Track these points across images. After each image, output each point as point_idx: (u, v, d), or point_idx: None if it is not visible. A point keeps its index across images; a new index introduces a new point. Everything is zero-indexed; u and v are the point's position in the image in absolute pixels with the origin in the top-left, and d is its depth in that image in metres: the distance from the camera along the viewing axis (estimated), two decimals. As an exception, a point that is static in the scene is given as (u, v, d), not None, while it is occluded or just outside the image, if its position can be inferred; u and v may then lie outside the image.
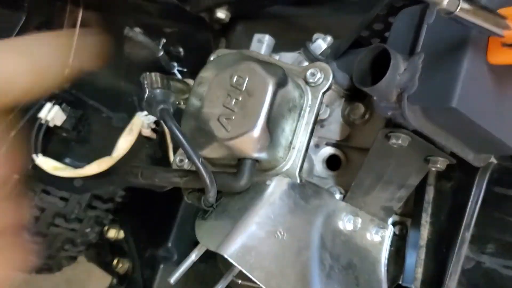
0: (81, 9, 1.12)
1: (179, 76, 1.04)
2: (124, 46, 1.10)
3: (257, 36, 0.83)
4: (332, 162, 0.83)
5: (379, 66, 0.59)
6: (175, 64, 1.05)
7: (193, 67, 1.04)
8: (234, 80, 0.69)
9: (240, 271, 0.77)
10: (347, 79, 0.77)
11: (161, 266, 1.14)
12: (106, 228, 1.28)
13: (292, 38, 0.90)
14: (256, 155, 0.68)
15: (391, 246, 0.78)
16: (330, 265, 0.70)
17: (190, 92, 0.75)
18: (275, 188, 0.70)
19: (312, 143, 0.84)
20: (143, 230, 1.23)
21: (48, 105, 1.02)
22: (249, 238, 0.65)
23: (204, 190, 0.68)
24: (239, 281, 0.78)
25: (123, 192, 1.18)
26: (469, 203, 0.71)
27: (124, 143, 0.94)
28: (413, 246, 0.76)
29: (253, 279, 0.64)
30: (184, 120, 0.75)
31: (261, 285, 0.64)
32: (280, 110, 0.69)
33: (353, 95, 0.80)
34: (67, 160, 1.05)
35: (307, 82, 0.74)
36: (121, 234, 1.28)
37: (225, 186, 0.70)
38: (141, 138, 0.98)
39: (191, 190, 0.76)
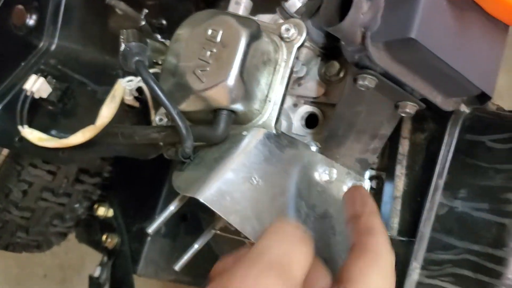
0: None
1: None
2: (108, 20, 1.12)
3: (234, -1, 0.85)
4: (310, 121, 0.85)
5: (346, 10, 0.61)
6: (158, 36, 1.06)
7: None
8: (209, 33, 0.71)
9: (222, 226, 0.79)
10: (322, 36, 0.78)
11: (148, 238, 1.16)
12: (96, 206, 1.29)
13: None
14: (231, 105, 0.70)
15: (368, 199, 0.79)
16: (306, 213, 0.72)
17: (167, 50, 0.77)
18: (252, 138, 0.71)
19: (290, 102, 0.85)
20: (131, 205, 1.24)
21: (33, 77, 1.03)
22: (224, 183, 0.66)
23: (181, 141, 0.70)
24: (219, 232, 0.79)
25: (110, 167, 1.19)
26: (442, 152, 0.73)
27: (107, 111, 0.95)
28: (388, 197, 0.78)
29: (229, 222, 0.65)
30: (162, 77, 0.76)
31: (237, 228, 0.65)
32: (254, 62, 0.70)
33: (329, 53, 0.81)
34: (53, 132, 1.06)
35: (282, 38, 0.75)
36: (110, 212, 1.29)
37: (202, 137, 0.71)
38: (124, 107, 0.99)
39: (170, 147, 0.78)
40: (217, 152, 0.72)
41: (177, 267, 0.79)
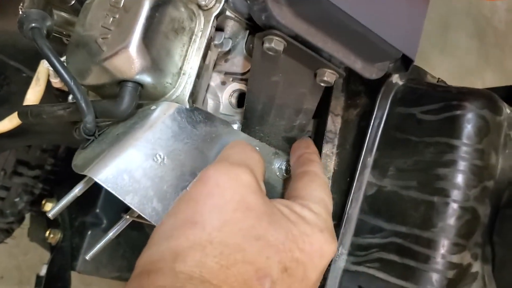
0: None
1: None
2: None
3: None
4: (241, 100, 0.78)
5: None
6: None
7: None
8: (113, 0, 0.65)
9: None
10: (247, 6, 0.72)
11: (89, 232, 1.09)
12: (43, 202, 1.23)
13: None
14: (137, 77, 0.64)
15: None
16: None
17: (76, 21, 0.71)
18: (160, 112, 0.65)
19: (218, 80, 0.79)
20: (75, 199, 1.18)
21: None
22: (123, 161, 0.60)
23: (81, 116, 0.64)
24: (135, 218, 0.73)
25: (52, 159, 1.13)
26: (371, 127, 0.67)
27: (32, 95, 0.89)
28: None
29: (126, 203, 0.59)
30: (68, 50, 0.70)
31: (134, 209, 0.59)
32: (162, 29, 0.64)
33: (256, 26, 0.75)
34: (-16, 120, 1.00)
35: (199, 6, 0.69)
36: (58, 208, 1.23)
37: (105, 112, 0.65)
38: (53, 91, 0.93)
39: (78, 126, 0.72)
40: (122, 128, 0.66)
41: (88, 256, 0.72)
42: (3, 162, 1.09)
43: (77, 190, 0.69)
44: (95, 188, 1.12)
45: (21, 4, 0.67)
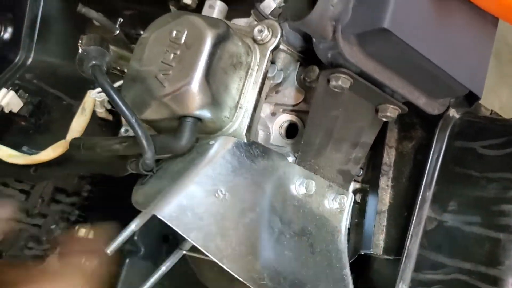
0: (41, -3, 1.10)
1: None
2: (85, 28, 1.07)
3: (208, 2, 0.80)
4: (291, 130, 0.79)
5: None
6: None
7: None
8: (173, 34, 0.66)
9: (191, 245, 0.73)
10: (300, 39, 0.73)
11: (127, 260, 1.09)
12: (77, 227, 1.23)
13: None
14: (197, 112, 0.64)
15: (352, 214, 0.73)
16: (280, 230, 0.65)
17: (131, 56, 0.72)
18: (219, 147, 0.65)
19: (268, 111, 0.79)
20: (111, 225, 1.18)
21: (3, 91, 0.98)
22: (186, 197, 0.60)
23: (141, 152, 0.64)
24: (185, 252, 0.72)
25: (88, 186, 1.14)
26: (429, 161, 0.66)
27: (77, 125, 0.90)
28: (372, 212, 0.71)
29: (190, 240, 0.59)
30: (124, 85, 0.71)
31: (198, 247, 0.59)
32: (222, 65, 0.65)
33: (308, 58, 0.75)
34: (25, 148, 1.01)
35: (255, 41, 0.70)
36: (92, 234, 1.23)
37: (165, 148, 0.65)
38: (97, 121, 0.94)
39: (134, 159, 0.72)
40: (181, 163, 0.66)
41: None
42: (41, 190, 1.09)
43: (134, 225, 0.69)
44: (132, 217, 1.12)
45: (80, 41, 0.68)
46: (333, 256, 0.69)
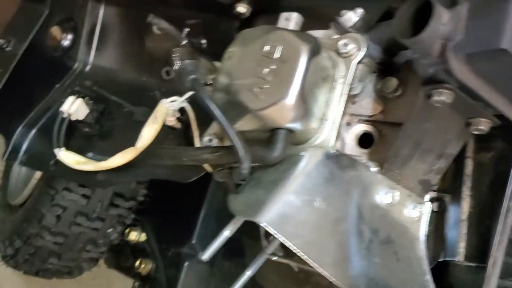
0: (103, 5, 1.12)
1: (202, 67, 1.03)
2: (146, 40, 1.10)
3: (284, 15, 0.82)
4: (364, 140, 0.81)
5: (421, 21, 0.57)
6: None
7: (216, 58, 1.03)
8: (266, 49, 0.68)
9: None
10: (379, 51, 0.75)
11: (186, 264, 1.11)
12: (127, 230, 1.25)
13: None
14: (289, 125, 0.66)
15: (429, 223, 0.75)
16: (370, 238, 0.67)
17: (219, 69, 0.74)
18: (310, 158, 0.68)
19: (343, 121, 0.81)
20: (166, 229, 1.21)
21: (70, 99, 1.01)
22: (286, 207, 0.62)
23: (238, 162, 0.66)
24: (274, 258, 0.75)
25: (145, 190, 1.16)
26: (512, 172, 0.68)
27: (148, 132, 0.92)
28: (454, 220, 0.73)
29: (292, 247, 0.61)
30: (213, 97, 0.73)
31: (300, 254, 0.61)
32: (314, 78, 0.67)
33: (385, 69, 0.78)
34: (90, 155, 1.03)
35: (339, 53, 0.72)
36: (143, 237, 1.25)
37: (258, 158, 0.68)
38: (165, 128, 0.96)
39: (221, 168, 0.74)
40: (274, 173, 0.68)
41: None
42: (101, 194, 1.12)
43: (228, 232, 0.71)
44: (190, 221, 1.14)
45: (174, 55, 0.70)
46: (414, 263, 0.71)
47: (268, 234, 0.86)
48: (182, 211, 1.18)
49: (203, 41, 1.03)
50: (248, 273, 0.78)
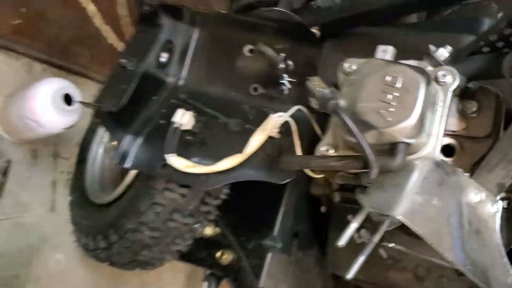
0: (197, 29, 1.28)
1: (288, 85, 1.20)
2: (236, 61, 1.26)
3: (381, 47, 1.00)
4: (446, 151, 1.00)
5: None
6: (285, 75, 1.20)
7: (300, 78, 1.20)
8: (388, 79, 0.86)
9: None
10: (464, 80, 0.94)
11: (269, 254, 1.28)
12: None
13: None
14: (408, 140, 0.85)
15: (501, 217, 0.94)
16: (467, 229, 0.86)
17: (339, 93, 0.91)
18: (423, 166, 0.86)
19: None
20: (243, 224, 1.37)
21: (180, 111, 1.17)
22: (413, 204, 0.80)
23: (368, 169, 0.84)
24: (390, 245, 0.93)
25: (227, 190, 1.32)
26: None
27: (256, 140, 1.09)
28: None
29: (425, 238, 0.79)
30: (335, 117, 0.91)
31: (432, 244, 0.79)
32: (427, 104, 0.86)
33: (466, 93, 0.97)
34: (195, 159, 1.18)
35: (437, 82, 0.91)
36: (217, 231, 1.41)
37: (382, 166, 0.86)
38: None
39: (341, 173, 0.92)
40: (395, 178, 0.86)
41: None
42: (195, 194, 1.26)
43: (356, 223, 0.88)
44: (269, 217, 1.31)
45: (312, 82, 0.87)
46: (495, 249, 0.91)
47: (359, 228, 1.04)
48: (260, 207, 1.35)
49: (290, 63, 1.21)
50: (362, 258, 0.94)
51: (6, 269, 1.56)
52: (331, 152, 0.97)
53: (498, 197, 0.95)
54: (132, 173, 1.40)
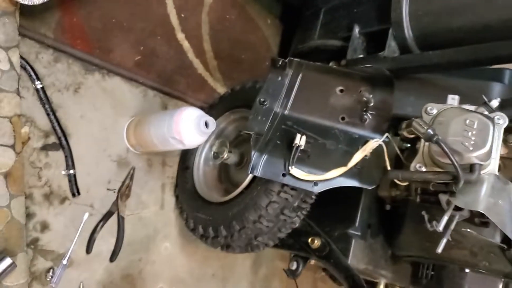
0: (301, 73, 1.73)
1: (370, 117, 1.67)
2: (329, 97, 1.72)
3: (450, 96, 1.47)
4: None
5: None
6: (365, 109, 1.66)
7: (377, 111, 1.66)
8: (467, 122, 1.34)
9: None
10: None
11: (353, 240, 1.76)
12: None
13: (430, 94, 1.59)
14: (481, 162, 1.32)
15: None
16: (515, 220, 1.35)
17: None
18: (489, 178, 1.34)
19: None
20: (326, 217, 1.84)
21: (298, 135, 1.61)
22: (488, 203, 1.28)
23: (456, 180, 1.31)
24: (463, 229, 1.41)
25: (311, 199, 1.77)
26: None
27: (358, 157, 1.54)
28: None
29: (501, 228, 1.26)
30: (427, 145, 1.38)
31: (499, 225, 1.27)
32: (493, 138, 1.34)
33: (508, 128, 1.46)
34: (305, 170, 1.63)
35: (494, 123, 1.39)
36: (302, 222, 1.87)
37: (466, 179, 1.32)
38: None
39: (433, 183, 1.39)
40: (473, 188, 1.33)
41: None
42: (300, 194, 1.71)
43: (446, 216, 1.35)
44: (352, 212, 1.78)
45: (419, 123, 1.34)
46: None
47: (429, 220, 1.51)
48: (341, 204, 1.82)
49: (372, 100, 1.67)
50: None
51: (133, 254, 1.97)
52: (423, 168, 1.44)
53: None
54: (246, 180, 1.83)
